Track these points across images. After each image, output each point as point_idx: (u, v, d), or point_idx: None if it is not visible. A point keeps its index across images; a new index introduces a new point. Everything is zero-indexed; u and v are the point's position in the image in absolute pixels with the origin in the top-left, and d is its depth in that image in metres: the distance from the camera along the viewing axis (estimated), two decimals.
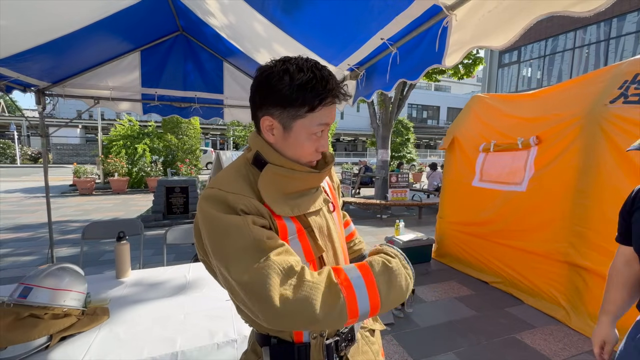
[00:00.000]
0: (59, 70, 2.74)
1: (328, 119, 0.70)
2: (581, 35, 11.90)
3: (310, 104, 0.66)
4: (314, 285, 0.59)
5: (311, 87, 0.64)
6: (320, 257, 0.75)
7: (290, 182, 0.71)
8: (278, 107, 0.66)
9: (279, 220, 0.69)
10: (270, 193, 0.68)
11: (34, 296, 1.12)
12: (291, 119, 0.67)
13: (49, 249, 3.13)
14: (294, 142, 0.70)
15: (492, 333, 2.50)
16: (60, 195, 9.57)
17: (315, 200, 0.77)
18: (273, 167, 0.69)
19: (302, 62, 0.67)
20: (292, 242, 0.69)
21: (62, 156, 22.22)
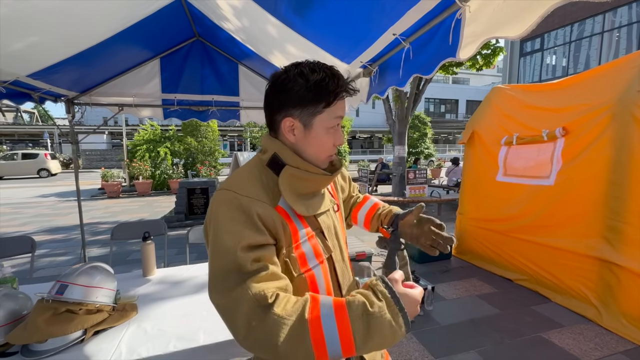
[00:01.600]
0: (86, 80, 2.89)
1: (342, 111, 0.75)
2: (611, 18, 11.19)
3: (326, 99, 0.71)
4: (281, 319, 0.56)
5: (325, 85, 0.69)
6: (330, 256, 0.78)
7: (305, 183, 0.74)
8: (298, 107, 0.71)
9: (290, 223, 0.71)
10: (290, 193, 0.71)
11: (69, 293, 1.20)
12: (311, 116, 0.72)
13: (82, 249, 3.32)
14: (315, 138, 0.73)
15: (517, 332, 2.42)
16: (90, 199, 10.09)
17: (324, 201, 0.81)
18: (291, 168, 0.72)
19: (313, 64, 0.72)
20: (303, 245, 0.73)
21: (90, 161, 23.39)
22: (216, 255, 0.64)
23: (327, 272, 0.77)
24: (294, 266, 0.71)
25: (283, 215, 0.71)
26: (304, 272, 0.72)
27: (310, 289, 0.73)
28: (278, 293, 0.60)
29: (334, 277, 0.79)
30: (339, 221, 0.87)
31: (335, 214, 0.86)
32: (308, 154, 0.75)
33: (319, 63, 0.73)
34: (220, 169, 12.92)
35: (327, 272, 0.77)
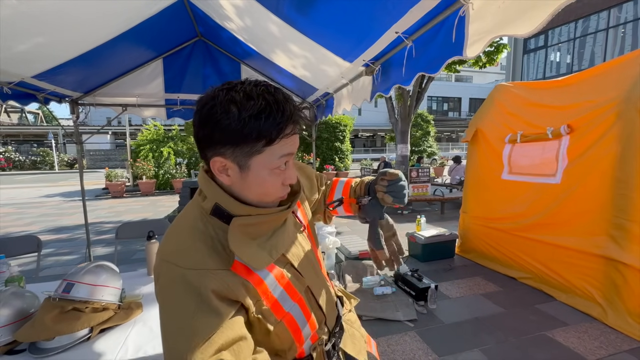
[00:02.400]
0: (89, 80, 2.92)
1: (291, 148, 0.60)
2: (616, 14, 11.07)
3: (267, 137, 0.55)
4: None
5: (265, 117, 0.54)
6: (307, 287, 0.72)
7: (260, 227, 0.63)
8: (228, 145, 0.56)
9: (252, 277, 0.61)
10: (245, 248, 0.59)
11: (75, 291, 1.21)
12: (247, 157, 0.57)
13: (87, 248, 3.35)
14: (254, 182, 0.60)
15: (521, 330, 2.41)
16: (95, 198, 10.17)
17: (287, 232, 0.70)
18: (240, 219, 0.60)
19: (249, 88, 0.56)
20: (274, 292, 0.64)
21: (95, 161, 23.56)
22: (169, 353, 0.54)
23: (306, 305, 0.71)
24: (268, 319, 0.63)
25: (242, 273, 0.60)
26: (280, 319, 0.65)
27: (291, 330, 0.67)
28: None
29: (314, 303, 0.73)
30: (308, 240, 0.78)
31: (302, 235, 0.76)
32: (250, 198, 0.62)
33: (260, 85, 0.57)
34: None
35: (306, 305, 0.71)
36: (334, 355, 0.78)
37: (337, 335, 0.81)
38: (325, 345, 0.76)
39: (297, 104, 0.61)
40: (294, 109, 0.58)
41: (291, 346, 0.68)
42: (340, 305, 0.90)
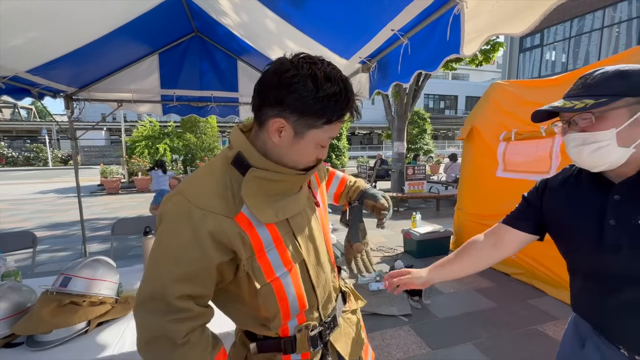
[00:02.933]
0: (84, 75, 2.89)
1: (336, 131, 0.69)
2: (611, 14, 11.16)
3: (330, 117, 0.63)
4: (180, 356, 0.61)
5: (335, 101, 0.61)
6: (302, 261, 0.73)
7: (275, 185, 0.67)
8: (296, 113, 0.62)
9: (252, 232, 0.65)
10: (254, 199, 0.64)
11: (73, 285, 1.22)
12: (306, 128, 0.63)
13: (82, 244, 3.34)
14: (300, 149, 0.66)
15: (513, 325, 2.46)
16: (90, 195, 10.10)
17: (298, 201, 0.74)
18: (256, 170, 0.65)
19: (329, 70, 0.62)
20: (269, 253, 0.67)
21: (89, 158, 23.36)
22: (150, 273, 0.63)
23: (298, 278, 0.72)
24: (258, 277, 0.66)
25: (243, 225, 0.64)
26: (269, 281, 0.67)
27: (278, 297, 0.69)
28: (190, 334, 0.62)
29: (307, 281, 0.74)
30: (319, 219, 0.81)
31: (313, 212, 0.79)
32: (286, 159, 0.67)
33: (336, 69, 0.63)
34: None
35: (298, 278, 0.72)
36: (319, 345, 0.77)
37: (328, 327, 0.80)
38: (311, 331, 0.76)
39: None
40: (354, 99, 0.66)
41: (275, 315, 0.70)
42: (342, 300, 0.90)
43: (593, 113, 0.66)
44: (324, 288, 0.80)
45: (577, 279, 0.85)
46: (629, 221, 0.68)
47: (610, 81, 0.66)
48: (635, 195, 0.69)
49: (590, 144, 0.68)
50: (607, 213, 0.71)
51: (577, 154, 0.71)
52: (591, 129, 0.68)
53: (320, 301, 0.78)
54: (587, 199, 0.77)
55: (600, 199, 0.73)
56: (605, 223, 0.71)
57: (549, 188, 0.89)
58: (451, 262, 0.99)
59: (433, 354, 2.14)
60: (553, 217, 0.86)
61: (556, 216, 0.84)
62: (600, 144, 0.67)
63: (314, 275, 0.76)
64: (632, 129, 0.65)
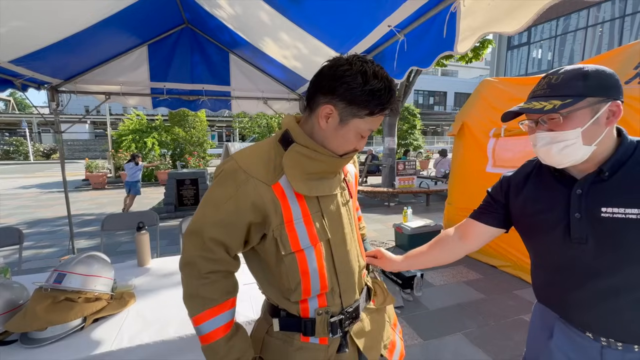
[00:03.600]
0: (70, 67, 2.80)
1: (375, 126, 0.76)
2: (595, 13, 11.45)
3: (372, 109, 0.71)
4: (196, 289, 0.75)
5: (379, 95, 0.70)
6: (328, 240, 0.79)
7: (313, 163, 0.75)
8: (344, 101, 0.71)
9: (284, 201, 0.74)
10: (293, 171, 0.73)
11: (67, 281, 1.20)
12: (350, 116, 0.72)
13: (70, 240, 3.26)
14: (342, 136, 0.74)
15: (500, 315, 2.55)
16: (75, 190, 9.82)
17: (332, 185, 0.81)
18: (298, 146, 0.75)
19: (377, 69, 0.71)
20: (297, 225, 0.75)
21: (73, 152, 22.63)
22: (198, 212, 0.76)
23: (322, 256, 0.77)
24: (284, 244, 0.74)
25: (278, 194, 0.74)
26: (294, 251, 0.74)
27: (300, 269, 0.75)
28: (213, 273, 0.75)
29: (330, 261, 0.79)
30: (350, 210, 0.87)
31: (345, 202, 0.86)
32: (328, 143, 0.76)
33: (382, 70, 0.72)
34: (209, 159, 12.75)
35: (322, 256, 0.77)
36: (337, 332, 0.80)
37: (348, 317, 0.82)
38: (331, 317, 0.79)
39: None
40: (395, 98, 0.74)
41: (297, 287, 0.76)
42: (367, 294, 0.92)
43: (561, 114, 0.70)
44: (347, 276, 0.83)
45: (544, 271, 0.88)
46: (593, 214, 0.72)
47: (572, 82, 0.70)
48: (596, 189, 0.73)
49: (558, 143, 0.72)
50: (572, 207, 0.75)
51: (546, 152, 0.75)
52: (558, 129, 0.71)
53: (342, 287, 0.81)
54: (552, 194, 0.81)
55: (565, 194, 0.77)
56: (571, 217, 0.75)
57: (512, 185, 0.92)
58: (424, 253, 1.05)
59: (425, 345, 2.20)
60: (520, 213, 0.89)
61: (523, 212, 0.87)
62: (567, 142, 0.71)
63: (337, 259, 0.80)
64: (594, 128, 0.69)
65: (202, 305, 0.75)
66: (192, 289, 0.75)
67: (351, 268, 0.84)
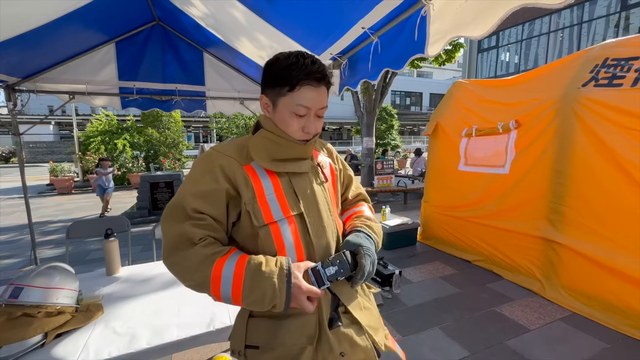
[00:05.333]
0: (29, 64, 2.61)
1: (307, 102, 0.77)
2: (556, 20, 12.20)
3: (289, 83, 0.75)
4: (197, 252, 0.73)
5: (292, 69, 0.75)
6: (301, 215, 0.81)
7: (278, 147, 0.81)
8: (269, 86, 0.79)
9: (255, 178, 0.79)
10: (258, 151, 0.81)
11: (25, 296, 1.12)
12: (276, 97, 0.78)
13: (32, 250, 3.05)
14: (280, 118, 0.80)
15: (474, 308, 2.65)
16: (38, 196, 9.19)
17: (300, 165, 0.85)
18: (264, 131, 0.82)
19: (294, 52, 0.78)
20: (269, 198, 0.79)
21: (35, 155, 21.21)
22: (177, 193, 0.79)
23: (297, 230, 0.79)
24: (257, 216, 0.77)
25: (249, 172, 0.80)
26: (268, 223, 0.77)
27: (275, 242, 0.77)
28: (207, 238, 0.75)
29: (306, 236, 0.80)
30: (326, 192, 0.89)
31: (320, 183, 0.88)
32: (280, 129, 0.81)
33: (305, 52, 0.78)
34: (185, 161, 12.36)
35: (297, 230, 0.79)
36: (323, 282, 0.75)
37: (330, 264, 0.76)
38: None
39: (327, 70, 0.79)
40: (316, 70, 0.76)
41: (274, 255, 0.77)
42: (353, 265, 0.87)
43: None
44: (325, 252, 0.83)
45: None
46: None
47: None
48: None
49: None
50: None
51: None
52: None
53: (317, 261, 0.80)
54: None
55: None
56: None
57: None
58: None
59: (404, 340, 2.25)
60: None
61: None
62: None
63: (313, 234, 0.81)
64: None
65: (212, 259, 0.72)
66: (191, 263, 0.72)
67: (327, 243, 0.83)
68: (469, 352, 2.11)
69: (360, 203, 1.06)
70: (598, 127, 2.46)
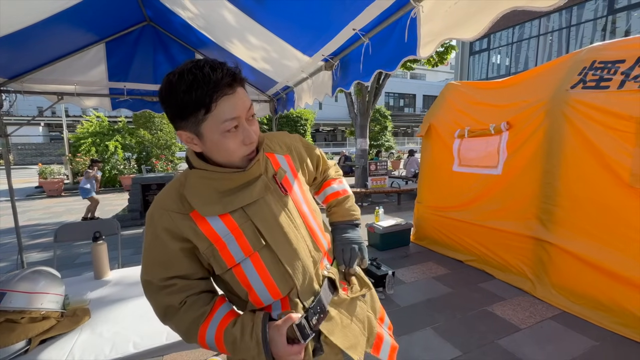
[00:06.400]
0: (16, 64, 2.56)
1: (233, 112, 0.66)
2: (545, 23, 12.43)
3: (202, 105, 0.63)
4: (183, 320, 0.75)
5: (196, 89, 0.62)
6: (266, 246, 0.74)
7: (219, 182, 0.72)
8: (180, 120, 0.67)
9: (205, 225, 0.72)
10: (199, 196, 0.72)
11: (7, 301, 1.09)
12: (196, 126, 0.66)
13: (19, 254, 2.98)
14: (213, 146, 0.69)
15: (466, 307, 2.67)
16: (26, 198, 9.01)
17: (253, 192, 0.75)
18: (197, 171, 0.73)
19: (183, 68, 0.64)
20: (227, 241, 0.72)
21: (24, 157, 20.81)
22: (142, 265, 0.77)
23: (262, 264, 0.74)
24: (219, 263, 0.73)
25: (197, 220, 0.71)
26: (230, 267, 0.73)
27: (242, 284, 0.74)
28: (185, 300, 0.74)
29: (275, 265, 0.74)
30: (290, 205, 0.80)
31: (280, 200, 0.79)
32: (220, 160, 0.72)
33: (191, 63, 0.64)
34: (178, 163, 12.24)
35: (262, 264, 0.74)
36: (308, 335, 0.74)
37: (312, 312, 0.76)
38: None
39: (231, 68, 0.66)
40: (222, 74, 0.64)
41: (246, 297, 0.77)
42: (331, 286, 0.84)
43: None
44: (303, 275, 0.77)
45: None
46: None
47: None
48: None
49: None
50: None
51: None
52: None
53: (300, 288, 0.76)
54: None
55: None
56: None
57: None
58: None
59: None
60: None
61: None
62: None
63: (285, 261, 0.75)
64: None
65: (197, 326, 0.74)
66: (177, 324, 0.75)
67: (304, 266, 0.78)
68: (461, 351, 2.12)
69: (327, 182, 1.06)
70: (586, 128, 2.50)
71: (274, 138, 0.89)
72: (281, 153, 0.87)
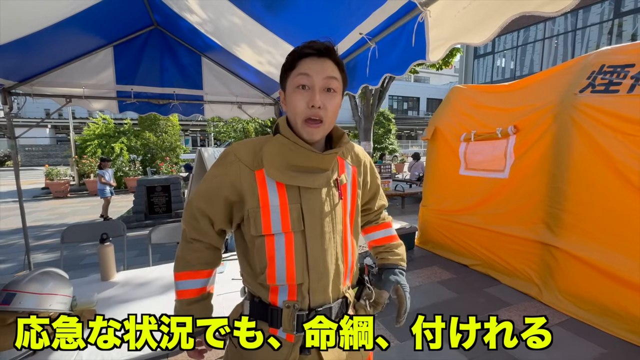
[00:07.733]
0: (26, 68, 2.61)
1: (307, 69, 0.74)
2: (550, 26, 12.38)
3: (290, 64, 0.76)
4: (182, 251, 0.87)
5: (295, 50, 0.76)
6: (302, 232, 0.78)
7: (293, 154, 0.76)
8: (281, 79, 0.80)
9: (262, 188, 0.78)
10: (272, 159, 0.77)
11: (17, 302, 1.10)
12: (285, 83, 0.79)
13: (25, 255, 3.01)
14: (289, 101, 0.77)
15: (472, 312, 2.64)
16: (33, 199, 9.11)
17: (315, 178, 0.78)
18: (280, 137, 0.78)
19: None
20: (272, 210, 0.77)
21: (31, 158, 21.07)
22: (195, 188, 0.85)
23: (292, 246, 0.76)
24: (257, 226, 0.77)
25: (258, 179, 0.78)
26: (264, 234, 0.77)
27: (267, 253, 0.77)
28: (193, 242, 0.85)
29: (302, 254, 0.77)
30: (339, 211, 0.83)
31: (333, 200, 0.82)
32: (290, 120, 0.79)
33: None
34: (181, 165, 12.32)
35: (292, 246, 0.76)
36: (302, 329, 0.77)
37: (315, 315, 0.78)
38: (299, 311, 0.77)
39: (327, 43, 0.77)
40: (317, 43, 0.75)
41: (263, 271, 0.78)
42: (345, 305, 0.86)
43: None
44: (320, 275, 0.79)
45: None
46: None
47: None
48: None
49: None
50: None
51: None
52: None
53: (311, 285, 0.78)
54: None
55: None
56: None
57: None
58: None
59: (401, 346, 2.23)
60: None
61: None
62: None
63: (311, 254, 0.78)
64: None
65: (182, 266, 0.85)
66: (180, 250, 0.87)
67: (326, 267, 0.79)
68: (466, 357, 2.10)
69: (387, 224, 1.09)
70: (595, 132, 2.48)
71: (352, 148, 0.94)
72: (351, 163, 0.91)
